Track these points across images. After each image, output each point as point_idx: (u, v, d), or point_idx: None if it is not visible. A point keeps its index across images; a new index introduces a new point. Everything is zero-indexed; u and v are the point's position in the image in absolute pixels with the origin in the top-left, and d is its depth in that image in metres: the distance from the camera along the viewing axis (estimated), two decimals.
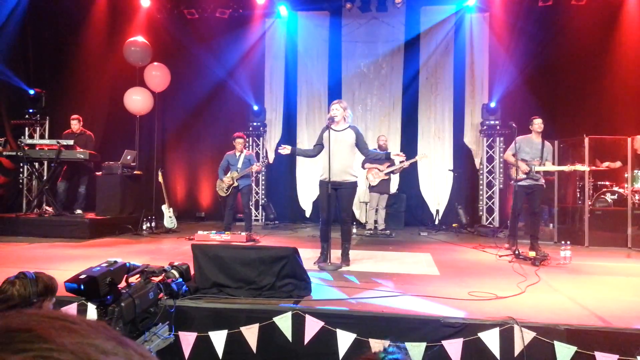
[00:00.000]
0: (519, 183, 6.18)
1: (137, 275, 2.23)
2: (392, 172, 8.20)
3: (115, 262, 2.08)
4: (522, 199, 6.22)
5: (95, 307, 2.02)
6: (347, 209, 5.24)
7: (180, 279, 2.35)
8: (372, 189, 8.31)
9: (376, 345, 3.23)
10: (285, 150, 5.39)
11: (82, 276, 1.94)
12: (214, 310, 3.46)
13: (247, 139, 10.40)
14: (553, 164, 6.20)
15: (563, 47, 9.16)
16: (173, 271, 2.34)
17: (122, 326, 1.97)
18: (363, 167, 8.25)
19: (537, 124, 6.23)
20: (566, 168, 6.04)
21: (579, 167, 6.02)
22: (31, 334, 0.40)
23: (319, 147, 5.34)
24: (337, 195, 5.16)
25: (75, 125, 8.18)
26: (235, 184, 7.33)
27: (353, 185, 5.22)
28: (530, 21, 9.27)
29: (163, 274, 2.33)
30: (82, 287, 1.91)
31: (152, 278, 2.29)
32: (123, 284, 2.12)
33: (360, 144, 5.27)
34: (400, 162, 8.02)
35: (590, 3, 9.04)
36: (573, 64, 9.22)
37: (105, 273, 1.96)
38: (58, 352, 0.39)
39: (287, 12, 10.25)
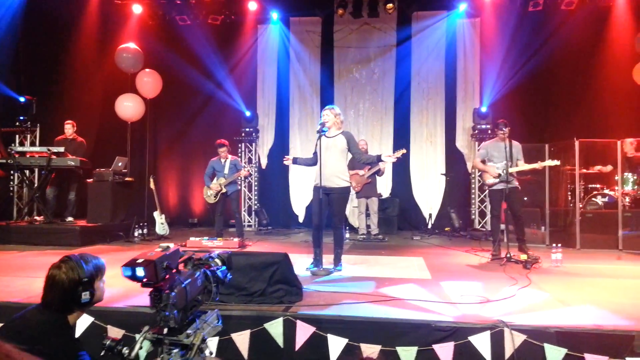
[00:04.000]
0: (493, 188, 6.19)
1: (183, 263, 2.18)
2: (377, 174, 8.20)
3: (169, 247, 2.00)
4: (499, 203, 6.16)
5: (149, 293, 1.93)
6: (339, 214, 5.23)
7: (224, 267, 2.29)
8: (357, 194, 8.32)
9: (368, 350, 3.23)
10: (289, 161, 5.51)
11: (139, 260, 1.85)
12: None
13: (240, 145, 10.44)
14: (526, 162, 6.18)
15: (553, 51, 9.24)
16: (216, 259, 2.28)
17: (175, 313, 1.90)
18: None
19: (505, 132, 6.11)
20: (537, 165, 6.00)
21: (549, 162, 5.99)
22: None
23: (316, 155, 5.34)
24: (328, 201, 5.17)
25: (69, 129, 8.16)
26: (224, 190, 7.32)
27: (345, 190, 5.22)
28: (520, 26, 9.35)
29: (207, 263, 2.27)
30: (139, 271, 1.82)
31: (198, 266, 2.23)
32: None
33: (352, 148, 5.29)
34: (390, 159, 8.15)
35: (580, 8, 9.13)
36: (563, 68, 9.31)
37: (162, 257, 1.89)
38: None
39: (279, 18, 10.29)
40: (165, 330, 1.91)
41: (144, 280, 1.85)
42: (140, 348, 1.93)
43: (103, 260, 2.23)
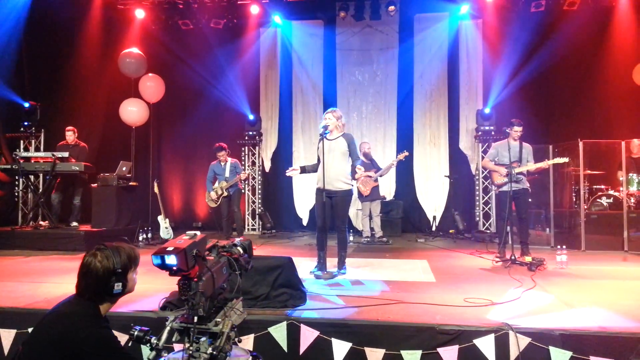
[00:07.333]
0: (501, 189, 6.10)
1: (207, 251, 2.17)
2: (380, 175, 8.28)
3: (195, 234, 1.99)
4: (507, 204, 6.01)
5: (177, 282, 1.92)
6: (342, 217, 5.20)
7: (246, 255, 2.29)
8: (364, 198, 8.29)
9: (372, 353, 3.22)
10: (295, 172, 5.34)
11: (169, 248, 1.83)
12: None
13: (243, 148, 10.47)
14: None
15: (556, 52, 9.21)
16: (238, 248, 2.27)
17: (204, 301, 1.90)
18: (353, 177, 8.22)
19: (517, 131, 6.07)
20: (544, 164, 5.96)
21: (557, 160, 5.97)
22: None
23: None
24: (331, 204, 5.15)
25: (70, 136, 8.19)
26: (226, 193, 7.41)
27: (347, 193, 5.20)
28: (522, 27, 9.32)
29: (230, 250, 2.27)
30: (170, 259, 1.81)
31: (222, 254, 2.23)
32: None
33: (351, 152, 5.19)
34: (390, 164, 8.32)
35: (582, 8, 9.11)
36: (566, 68, 9.29)
37: (191, 245, 1.87)
38: None
39: (282, 22, 10.32)
40: (195, 319, 1.91)
41: (174, 268, 1.83)
42: (168, 338, 1.94)
43: (138, 250, 2.23)
